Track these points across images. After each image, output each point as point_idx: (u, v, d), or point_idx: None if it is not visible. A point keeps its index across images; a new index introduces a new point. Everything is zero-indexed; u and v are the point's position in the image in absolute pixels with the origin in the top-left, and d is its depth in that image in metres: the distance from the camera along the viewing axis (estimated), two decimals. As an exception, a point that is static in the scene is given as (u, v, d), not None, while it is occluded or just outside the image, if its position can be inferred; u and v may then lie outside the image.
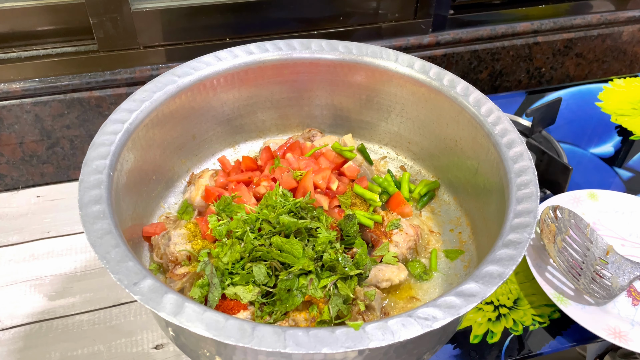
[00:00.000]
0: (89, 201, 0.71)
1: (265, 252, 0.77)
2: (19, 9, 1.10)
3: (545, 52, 1.50)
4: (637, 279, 0.93)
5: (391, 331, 0.59)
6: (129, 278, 0.63)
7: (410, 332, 0.59)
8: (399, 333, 0.59)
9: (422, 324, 0.60)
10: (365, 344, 0.58)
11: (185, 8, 1.17)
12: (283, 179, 0.90)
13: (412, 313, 0.61)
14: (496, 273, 0.66)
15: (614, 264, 0.94)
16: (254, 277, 0.76)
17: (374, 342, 0.58)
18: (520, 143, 0.84)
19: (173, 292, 0.62)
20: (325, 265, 0.78)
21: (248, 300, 0.75)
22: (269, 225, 0.81)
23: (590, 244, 0.94)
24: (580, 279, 0.91)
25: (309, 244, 0.80)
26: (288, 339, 0.57)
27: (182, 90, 0.91)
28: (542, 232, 0.95)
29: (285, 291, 0.75)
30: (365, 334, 0.59)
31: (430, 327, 0.60)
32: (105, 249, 0.66)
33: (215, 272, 0.76)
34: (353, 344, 0.58)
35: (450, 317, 0.61)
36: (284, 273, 0.75)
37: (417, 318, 0.61)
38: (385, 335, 0.59)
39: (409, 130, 1.04)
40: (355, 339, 0.58)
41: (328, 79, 1.02)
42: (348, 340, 0.58)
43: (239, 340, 0.57)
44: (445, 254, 0.91)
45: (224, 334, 0.58)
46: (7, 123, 1.14)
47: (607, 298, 0.90)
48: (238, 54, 0.97)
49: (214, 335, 0.57)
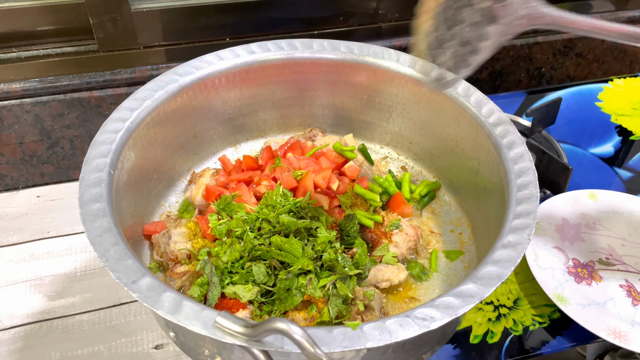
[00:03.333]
0: (89, 199, 0.71)
1: (265, 251, 0.77)
2: (19, 9, 1.10)
3: (545, 52, 1.50)
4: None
5: (389, 331, 0.59)
6: (127, 276, 0.63)
7: (408, 333, 0.59)
8: (396, 333, 0.59)
9: (419, 324, 0.60)
10: (363, 344, 0.58)
11: (185, 8, 1.17)
12: (283, 179, 0.90)
13: (410, 313, 0.61)
14: (495, 274, 0.66)
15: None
16: (254, 276, 0.76)
17: (372, 342, 0.58)
18: (520, 144, 0.84)
19: (171, 291, 0.62)
20: (325, 265, 0.78)
21: (247, 300, 0.75)
22: (268, 224, 0.81)
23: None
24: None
25: (309, 244, 0.80)
26: (286, 338, 0.57)
27: (183, 89, 0.91)
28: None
29: (285, 290, 0.75)
30: (362, 334, 0.59)
31: (427, 327, 0.60)
32: (105, 247, 0.66)
33: (214, 270, 0.76)
34: (350, 344, 0.58)
35: (448, 318, 0.61)
36: (283, 272, 0.75)
37: (414, 318, 0.61)
38: (383, 335, 0.59)
39: (410, 130, 1.04)
40: (352, 339, 0.58)
41: (329, 78, 1.02)
42: (345, 340, 0.58)
43: (236, 339, 0.57)
44: (445, 255, 0.91)
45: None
46: (7, 123, 1.14)
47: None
48: (240, 54, 0.97)
49: (211, 334, 0.57)
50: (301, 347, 0.52)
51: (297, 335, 0.51)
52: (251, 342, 0.55)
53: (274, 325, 0.52)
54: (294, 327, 0.51)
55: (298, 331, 0.51)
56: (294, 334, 0.51)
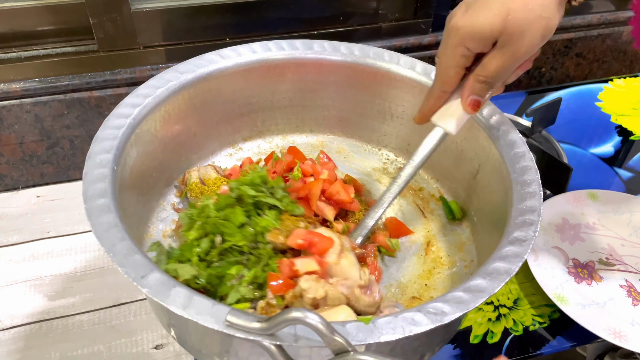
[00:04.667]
0: (93, 194, 0.71)
1: (218, 223, 0.72)
2: (19, 9, 1.10)
3: (545, 52, 1.50)
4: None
5: (401, 325, 0.59)
6: (136, 271, 0.62)
7: (420, 327, 0.59)
8: (409, 327, 0.59)
9: (431, 318, 0.60)
10: (377, 338, 0.58)
11: (185, 8, 1.17)
12: (278, 166, 0.88)
13: (422, 308, 0.61)
14: (503, 269, 0.66)
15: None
16: (198, 252, 0.72)
17: (385, 336, 0.58)
18: (522, 144, 0.84)
19: (181, 285, 0.62)
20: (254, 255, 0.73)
21: (184, 279, 0.70)
22: (230, 198, 0.76)
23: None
24: None
25: (252, 222, 0.75)
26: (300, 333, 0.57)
27: (184, 87, 0.91)
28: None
29: (216, 277, 0.71)
30: (375, 328, 0.59)
31: (440, 321, 0.60)
32: (112, 242, 0.65)
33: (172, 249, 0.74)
34: (364, 337, 0.58)
35: (459, 312, 0.61)
36: (215, 250, 0.71)
37: (426, 313, 0.61)
38: (396, 329, 0.59)
39: (409, 132, 1.04)
40: (366, 332, 0.58)
41: (330, 79, 1.02)
42: (359, 334, 0.58)
43: (250, 334, 0.57)
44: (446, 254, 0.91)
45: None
46: (7, 123, 1.14)
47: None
48: (241, 53, 0.97)
49: (225, 329, 0.56)
50: (320, 334, 0.51)
51: (315, 321, 0.51)
52: (265, 337, 0.55)
53: (289, 315, 0.51)
54: (310, 315, 0.51)
55: (315, 317, 0.51)
56: (312, 320, 0.51)
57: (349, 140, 1.11)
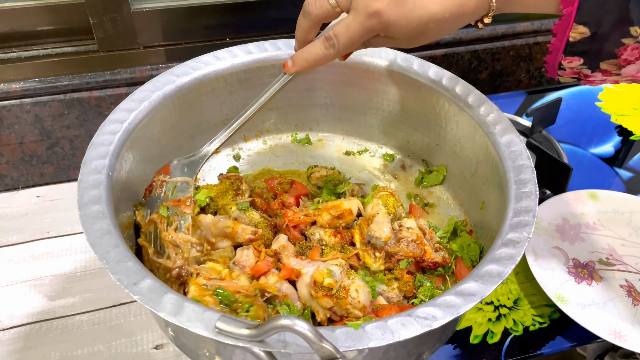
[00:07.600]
0: (88, 201, 0.71)
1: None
2: (19, 9, 1.10)
3: (545, 52, 1.50)
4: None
5: (391, 330, 0.59)
6: (128, 278, 0.63)
7: (410, 332, 0.59)
8: (398, 332, 0.59)
9: (421, 323, 0.60)
10: (366, 344, 0.58)
11: (185, 8, 1.17)
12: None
13: (412, 312, 0.61)
14: (495, 272, 0.66)
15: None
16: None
17: (374, 342, 0.58)
18: (519, 142, 0.84)
19: (173, 292, 0.62)
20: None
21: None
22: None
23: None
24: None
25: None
26: (289, 339, 0.57)
27: (180, 89, 0.91)
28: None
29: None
30: (365, 334, 0.59)
31: (430, 326, 0.60)
32: (105, 249, 0.66)
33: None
34: (353, 344, 0.58)
35: (449, 317, 0.61)
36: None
37: (416, 317, 0.61)
38: (385, 335, 0.59)
39: (407, 129, 1.04)
40: (355, 339, 0.58)
41: (327, 78, 1.03)
42: (348, 340, 0.58)
43: (239, 341, 0.57)
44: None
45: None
46: (7, 123, 1.14)
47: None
48: (237, 54, 0.97)
49: (214, 336, 0.57)
50: (309, 341, 0.51)
51: (304, 329, 0.51)
52: (254, 343, 0.55)
53: (278, 322, 0.52)
54: (299, 322, 0.51)
55: (304, 325, 0.51)
56: (301, 328, 0.51)
57: (348, 138, 1.11)
